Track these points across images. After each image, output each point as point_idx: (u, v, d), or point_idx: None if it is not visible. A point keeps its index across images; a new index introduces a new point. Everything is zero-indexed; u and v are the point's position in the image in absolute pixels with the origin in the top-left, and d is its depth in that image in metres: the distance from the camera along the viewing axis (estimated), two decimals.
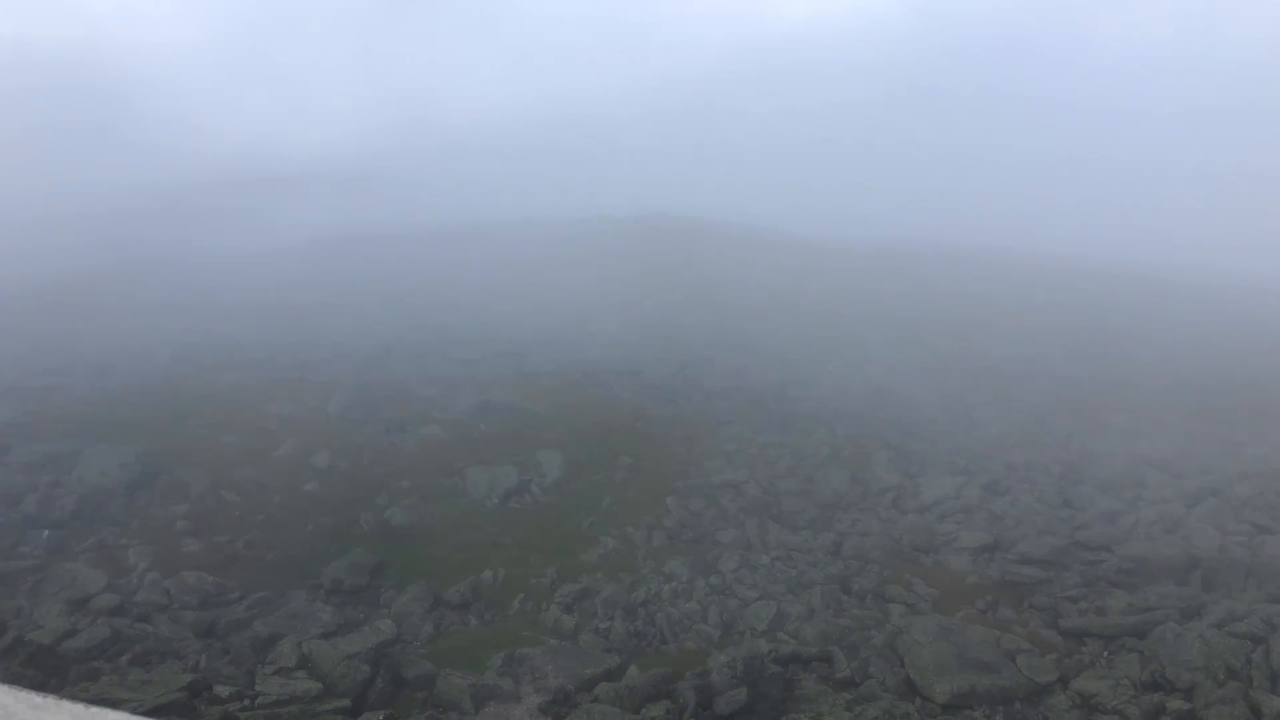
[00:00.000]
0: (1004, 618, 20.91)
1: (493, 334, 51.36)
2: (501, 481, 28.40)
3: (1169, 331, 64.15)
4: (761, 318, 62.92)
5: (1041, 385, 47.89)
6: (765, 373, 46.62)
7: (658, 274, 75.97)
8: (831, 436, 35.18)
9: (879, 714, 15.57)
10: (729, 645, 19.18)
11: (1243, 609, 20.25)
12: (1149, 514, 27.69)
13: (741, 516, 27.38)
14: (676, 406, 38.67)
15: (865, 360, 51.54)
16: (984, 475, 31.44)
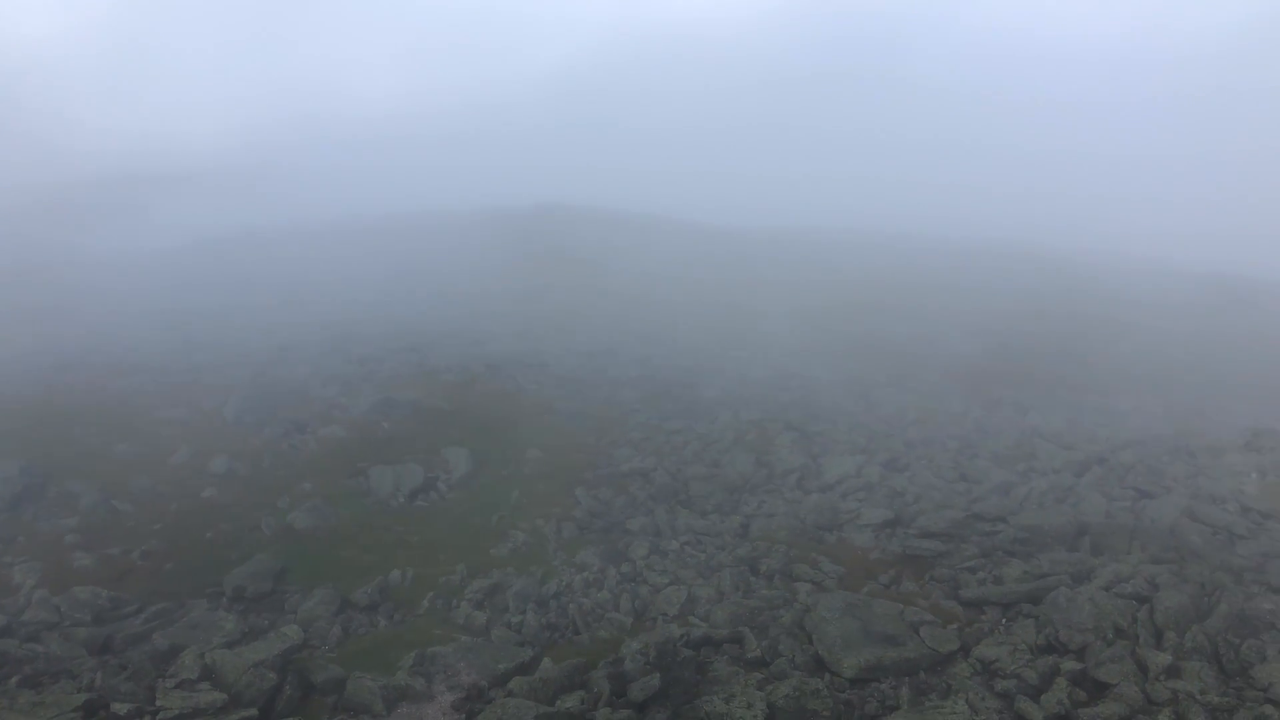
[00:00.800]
0: (907, 591, 21.51)
1: (393, 330, 50.53)
2: (407, 480, 28.03)
3: (1057, 309, 66.63)
4: (665, 306, 63.35)
5: (937, 364, 49.28)
6: (671, 360, 46.97)
7: (560, 265, 75.80)
8: (736, 421, 35.63)
9: (789, 691, 15.86)
10: (641, 632, 19.33)
11: (1128, 571, 21.23)
12: (1040, 484, 28.80)
13: (651, 504, 27.58)
14: (583, 397, 38.68)
15: (768, 345, 52.31)
16: (884, 453, 32.26)
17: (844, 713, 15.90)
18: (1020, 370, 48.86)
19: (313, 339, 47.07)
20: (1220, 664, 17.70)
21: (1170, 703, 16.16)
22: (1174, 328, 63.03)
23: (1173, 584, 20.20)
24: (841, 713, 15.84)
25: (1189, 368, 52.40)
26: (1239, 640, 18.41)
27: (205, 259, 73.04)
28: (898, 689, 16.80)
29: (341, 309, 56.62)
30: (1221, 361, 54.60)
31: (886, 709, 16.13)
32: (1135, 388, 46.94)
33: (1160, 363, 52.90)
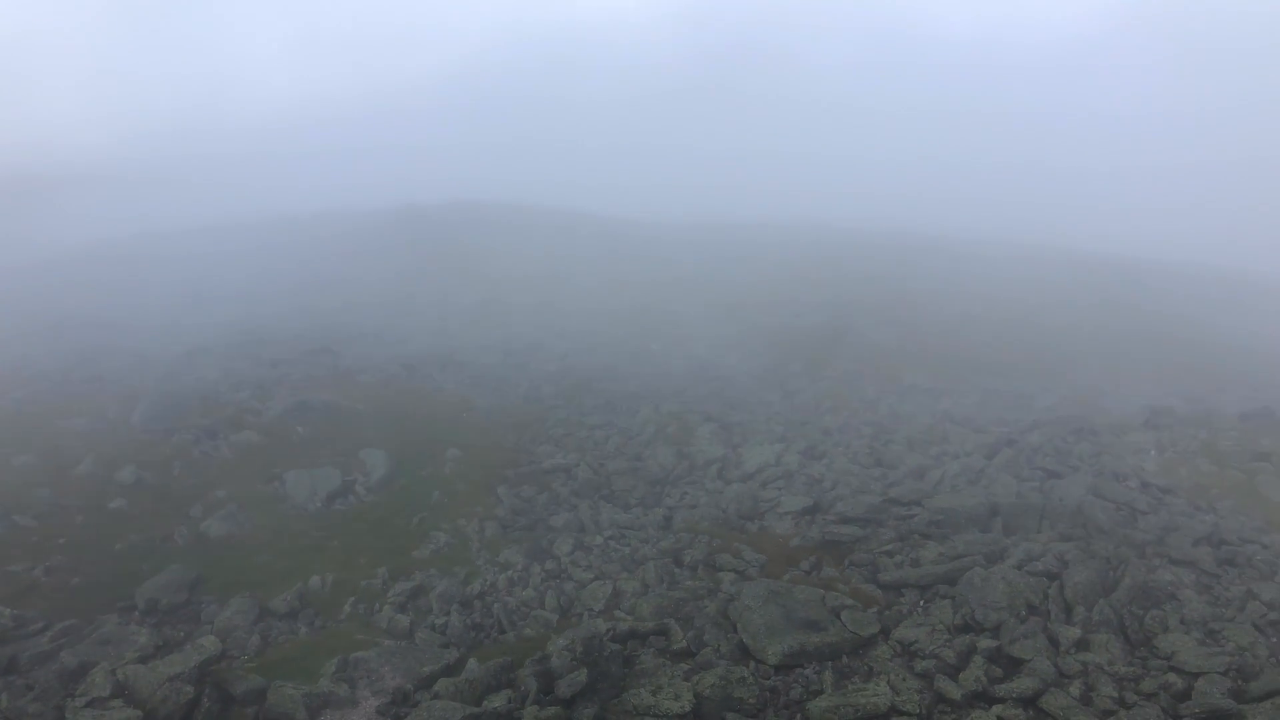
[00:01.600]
0: (828, 576, 21.87)
1: (305, 331, 49.54)
2: (323, 484, 27.50)
3: (963, 296, 68.28)
4: (584, 301, 63.27)
5: (850, 352, 50.16)
6: (590, 356, 46.97)
7: (474, 261, 75.11)
8: (657, 414, 35.79)
9: (715, 681, 16.02)
10: (567, 628, 19.28)
11: (1038, 549, 21.91)
12: (953, 467, 29.53)
13: (574, 499, 27.55)
14: (502, 395, 38.45)
15: (686, 337, 52.66)
16: (801, 441, 32.73)
17: (769, 699, 16.12)
18: (931, 356, 50.00)
19: (221, 342, 45.85)
20: (1126, 635, 18.40)
21: (1080, 675, 16.75)
22: (1076, 311, 65.12)
23: (1080, 560, 20.90)
24: (767, 700, 16.07)
25: (1091, 350, 54.22)
26: (1143, 612, 19.16)
27: (101, 262, 70.55)
28: (821, 674, 17.08)
29: (250, 311, 55.27)
30: (1121, 343, 56.61)
31: (811, 694, 16.39)
32: (1041, 370, 48.43)
33: (1064, 345, 54.65)
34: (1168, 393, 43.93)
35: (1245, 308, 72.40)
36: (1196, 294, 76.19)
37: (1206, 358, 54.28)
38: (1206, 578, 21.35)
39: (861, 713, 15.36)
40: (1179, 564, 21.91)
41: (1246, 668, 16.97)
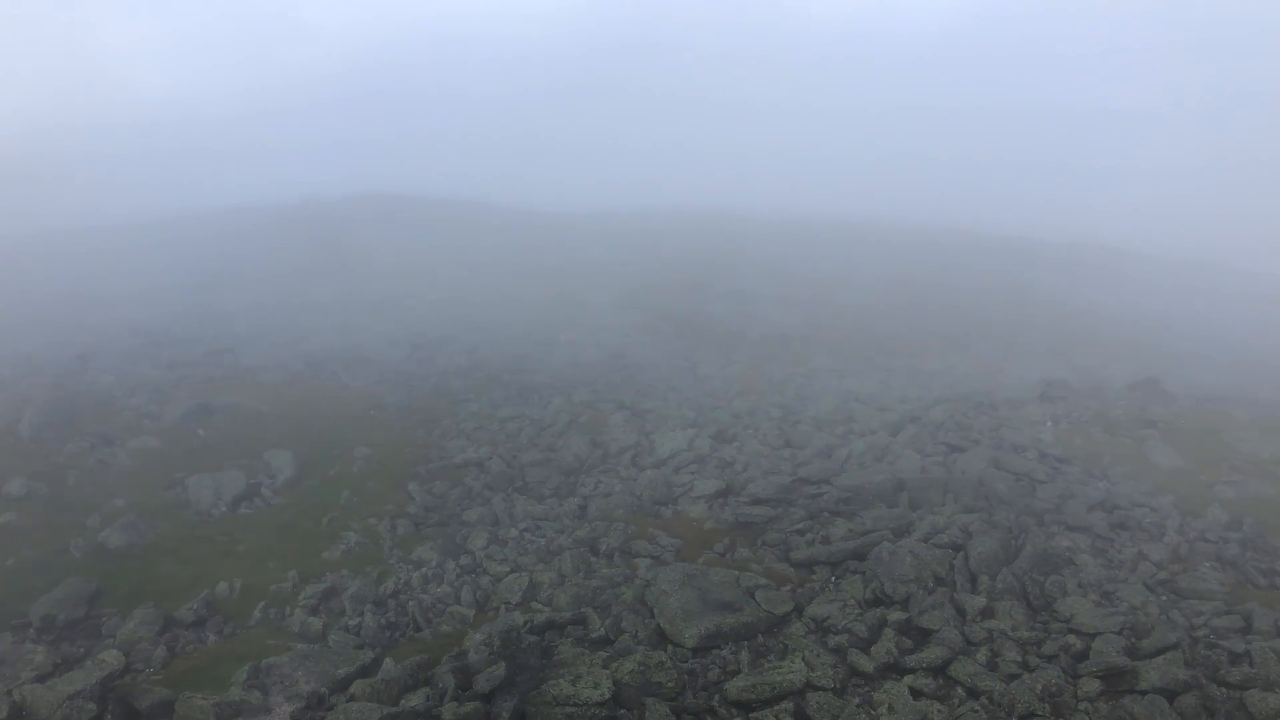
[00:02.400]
0: (741, 557, 22.15)
1: (204, 332, 48.13)
2: (228, 488, 26.79)
3: (865, 277, 69.73)
4: (491, 293, 62.77)
5: (757, 336, 50.84)
6: (499, 347, 46.62)
7: (377, 256, 73.87)
8: (569, 404, 35.74)
9: (634, 667, 16.11)
10: (484, 623, 19.18)
11: (943, 521, 22.54)
12: (859, 445, 30.16)
13: (487, 493, 27.36)
14: (411, 390, 37.92)
15: (596, 326, 52.66)
16: (712, 425, 33.04)
17: (688, 682, 16.27)
18: (835, 337, 50.99)
19: (115, 346, 44.25)
20: (1028, 601, 19.08)
21: (986, 641, 17.31)
22: (974, 291, 67.07)
23: (983, 531, 21.56)
24: (685, 682, 16.21)
25: (989, 327, 55.94)
26: (1043, 578, 19.88)
27: None
28: (738, 654, 17.31)
29: (145, 312, 53.41)
30: (1016, 320, 58.51)
31: (728, 674, 16.59)
32: (941, 348, 49.78)
33: (964, 324, 56.26)
34: (1061, 366, 45.57)
35: (1129, 283, 75.49)
36: (1084, 271, 79.13)
37: (1096, 331, 56.49)
38: (1101, 542, 22.26)
39: (778, 690, 15.61)
40: (1076, 530, 22.79)
41: (1139, 626, 17.75)
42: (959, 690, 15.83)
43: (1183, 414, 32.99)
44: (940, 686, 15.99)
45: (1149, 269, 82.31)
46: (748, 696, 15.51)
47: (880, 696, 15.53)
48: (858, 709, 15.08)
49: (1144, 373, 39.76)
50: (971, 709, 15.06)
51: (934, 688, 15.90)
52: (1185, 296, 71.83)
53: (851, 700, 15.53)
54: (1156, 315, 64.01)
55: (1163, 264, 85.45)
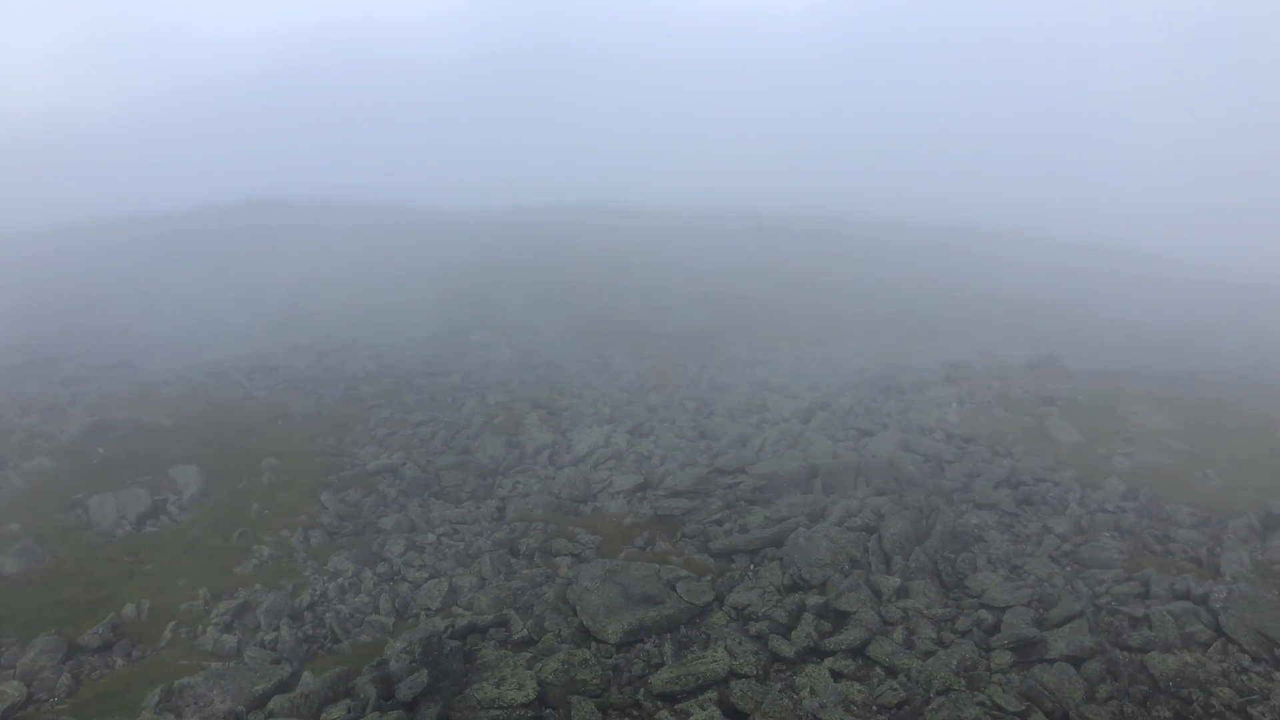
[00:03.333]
0: (662, 550, 22.28)
1: (99, 346, 46.39)
2: (131, 506, 25.87)
3: (773, 268, 70.68)
4: (398, 295, 61.85)
5: (669, 330, 51.14)
6: (408, 350, 45.98)
7: (278, 261, 72.16)
8: (483, 405, 35.44)
9: (558, 666, 16.09)
10: (405, 630, 18.91)
11: (856, 505, 23.01)
12: (773, 434, 30.57)
13: (402, 499, 26.97)
14: (319, 398, 37.12)
15: (507, 325, 52.32)
16: (628, 421, 33.14)
17: (613, 678, 16.31)
18: (745, 328, 51.59)
19: (3, 363, 42.35)
20: (940, 579, 19.61)
21: (902, 621, 17.74)
22: (879, 277, 68.53)
23: (895, 512, 22.08)
24: (610, 679, 16.25)
25: (894, 312, 57.22)
26: (954, 555, 20.46)
27: None
28: (661, 646, 17.42)
29: (31, 328, 51.23)
30: (920, 304, 59.97)
31: (652, 667, 16.69)
32: (849, 335, 50.76)
33: (869, 310, 57.45)
34: (964, 348, 46.86)
35: (1026, 264, 78.00)
36: (983, 254, 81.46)
37: (996, 313, 58.23)
38: (1007, 518, 23.00)
39: (702, 680, 15.77)
40: (983, 507, 23.51)
41: (1047, 597, 18.40)
42: (878, 669, 16.20)
43: (1079, 390, 34.26)
44: (860, 667, 16.35)
45: (1047, 252, 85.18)
46: (672, 688, 15.63)
47: (802, 680, 15.81)
48: (780, 694, 15.30)
49: (1042, 351, 41.19)
50: (890, 687, 15.42)
51: (853, 669, 16.25)
52: (1081, 278, 74.54)
53: (774, 686, 15.77)
54: (1053, 296, 66.31)
55: (1060, 247, 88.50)
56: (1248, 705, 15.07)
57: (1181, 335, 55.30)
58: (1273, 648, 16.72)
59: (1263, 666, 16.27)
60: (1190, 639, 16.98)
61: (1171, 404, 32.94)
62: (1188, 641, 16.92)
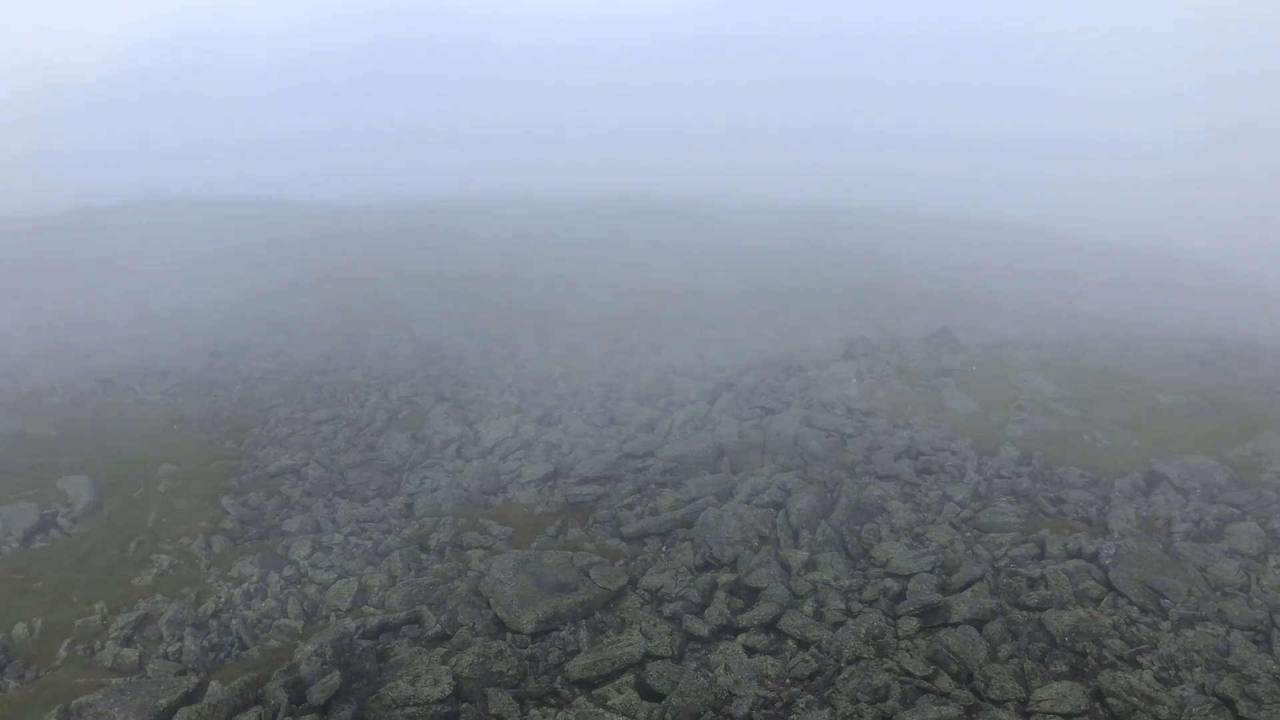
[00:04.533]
0: (574, 537, 22.30)
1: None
2: (18, 521, 24.76)
3: (674, 252, 71.07)
4: (293, 291, 60.41)
5: (575, 318, 51.06)
6: (307, 348, 45.00)
7: (164, 261, 69.65)
8: (387, 401, 34.91)
9: (473, 659, 15.99)
10: (314, 633, 18.57)
11: (763, 482, 23.38)
12: (680, 416, 30.83)
13: (307, 500, 26.43)
14: (215, 400, 36.07)
15: (408, 318, 51.59)
16: (536, 410, 33.04)
17: (529, 668, 16.29)
18: (650, 314, 51.83)
19: None
20: (847, 551, 20.08)
21: (811, 593, 18.12)
22: (777, 258, 69.49)
23: (801, 487, 22.51)
24: (527, 668, 16.22)
25: (793, 292, 58.13)
26: (859, 527, 20.96)
27: None
28: (577, 633, 17.45)
29: None
30: (818, 283, 61.05)
31: (569, 654, 16.72)
32: (750, 317, 51.41)
33: (769, 291, 58.24)
34: (861, 324, 47.89)
35: (919, 242, 79.99)
36: (875, 231, 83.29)
37: (890, 288, 59.63)
38: (909, 488, 23.64)
39: (618, 664, 15.86)
40: (885, 479, 24.11)
41: (948, 563, 19.00)
42: (790, 643, 16.52)
43: (973, 361, 35.36)
44: (772, 641, 16.64)
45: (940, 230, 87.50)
46: (589, 674, 15.69)
47: (716, 658, 16.03)
48: (696, 673, 15.49)
49: (936, 325, 42.33)
50: (803, 659, 15.74)
51: (766, 643, 16.53)
52: (975, 253, 76.79)
53: (689, 665, 15.96)
54: (948, 272, 68.17)
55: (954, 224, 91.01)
56: (1137, 655, 15.83)
57: (1071, 305, 57.52)
58: (1158, 599, 17.57)
59: (1150, 617, 17.10)
60: (1083, 595, 17.74)
61: (1060, 371, 34.22)
62: (1081, 598, 17.68)
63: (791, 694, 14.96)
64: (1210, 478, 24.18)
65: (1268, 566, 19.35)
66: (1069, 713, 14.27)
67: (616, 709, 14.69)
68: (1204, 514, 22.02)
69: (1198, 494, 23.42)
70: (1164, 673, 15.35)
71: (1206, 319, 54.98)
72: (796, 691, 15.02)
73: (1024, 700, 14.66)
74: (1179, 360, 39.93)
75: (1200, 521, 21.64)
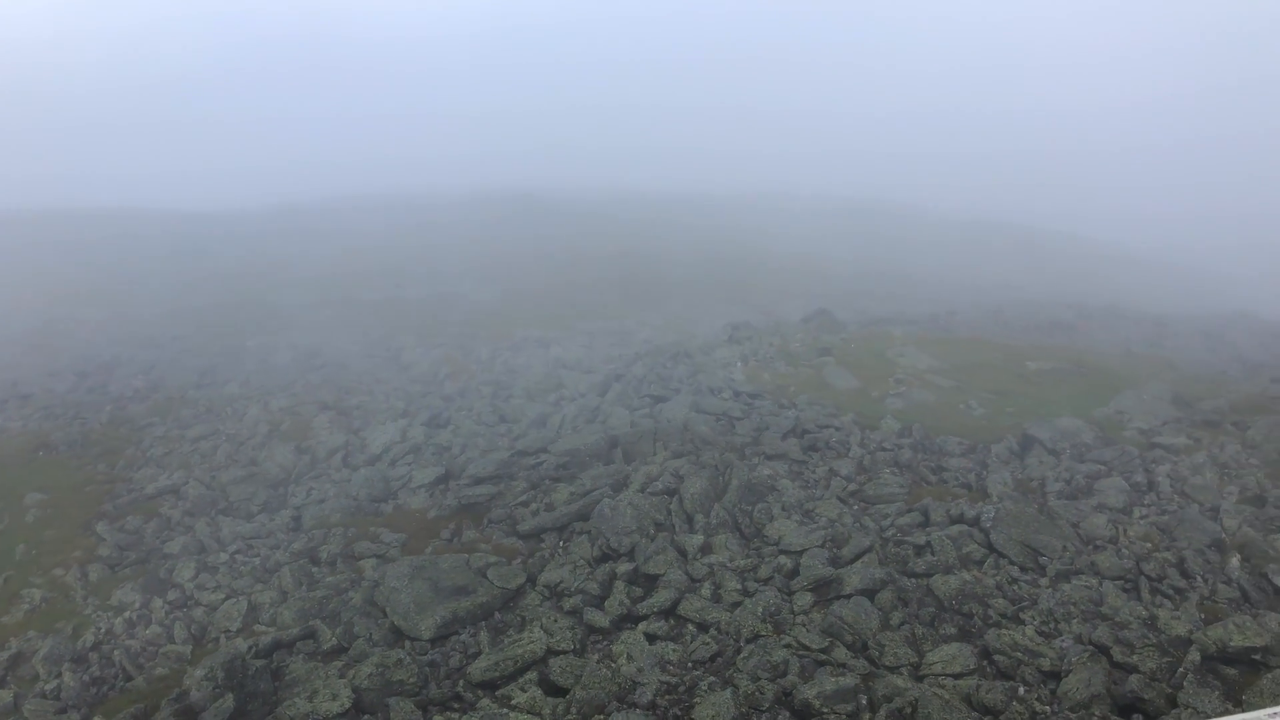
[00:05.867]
0: (469, 539, 22.08)
1: None
2: None
3: (559, 247, 70.89)
4: (163, 305, 58.06)
5: (459, 316, 50.49)
6: (181, 363, 43.35)
7: (22, 278, 66.11)
8: (267, 412, 33.93)
9: (372, 670, 15.72)
10: (205, 657, 17.97)
11: (656, 470, 23.54)
12: (571, 410, 30.83)
13: (188, 520, 25.50)
14: (84, 422, 34.40)
15: (286, 326, 50.16)
16: (424, 412, 32.58)
17: (430, 674, 16.10)
18: (536, 308, 51.61)
19: None
20: (740, 532, 20.40)
21: (708, 576, 18.36)
22: (658, 248, 69.99)
23: (693, 472, 22.74)
24: (428, 675, 16.03)
25: (676, 280, 58.65)
26: (751, 507, 21.31)
27: None
28: (477, 635, 17.32)
29: None
30: (699, 270, 61.75)
31: (470, 657, 16.58)
32: (637, 307, 51.67)
33: (652, 281, 58.64)
34: (744, 308, 48.67)
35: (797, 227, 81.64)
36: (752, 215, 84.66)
37: (770, 272, 60.73)
38: (797, 466, 24.15)
39: (520, 663, 15.80)
40: (774, 458, 24.57)
41: (838, 536, 19.51)
42: (690, 627, 16.73)
43: (851, 339, 36.32)
44: (672, 627, 16.82)
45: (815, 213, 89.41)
46: (491, 675, 15.59)
47: (618, 648, 16.12)
48: (599, 664, 15.56)
49: (814, 305, 43.31)
50: (703, 642, 15.96)
51: (667, 629, 16.70)
52: (850, 236, 78.77)
53: (592, 658, 16.02)
54: (824, 255, 69.77)
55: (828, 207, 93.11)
56: (1019, 612, 16.57)
57: (943, 280, 59.56)
58: (1036, 557, 18.41)
59: (1029, 575, 17.90)
60: (967, 559, 18.45)
61: (935, 344, 35.46)
62: (965, 561, 18.38)
63: (694, 677, 15.15)
64: (1078, 438, 25.44)
65: (1133, 518, 20.46)
66: (959, 672, 14.86)
67: (521, 708, 14.64)
68: (1074, 473, 23.15)
69: (1068, 454, 24.60)
70: (1044, 626, 16.11)
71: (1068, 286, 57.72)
72: (699, 674, 15.23)
73: (917, 664, 15.20)
74: (1045, 327, 41.83)
75: (1071, 480, 22.74)
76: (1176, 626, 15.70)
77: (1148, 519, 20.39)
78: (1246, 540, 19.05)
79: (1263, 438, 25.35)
